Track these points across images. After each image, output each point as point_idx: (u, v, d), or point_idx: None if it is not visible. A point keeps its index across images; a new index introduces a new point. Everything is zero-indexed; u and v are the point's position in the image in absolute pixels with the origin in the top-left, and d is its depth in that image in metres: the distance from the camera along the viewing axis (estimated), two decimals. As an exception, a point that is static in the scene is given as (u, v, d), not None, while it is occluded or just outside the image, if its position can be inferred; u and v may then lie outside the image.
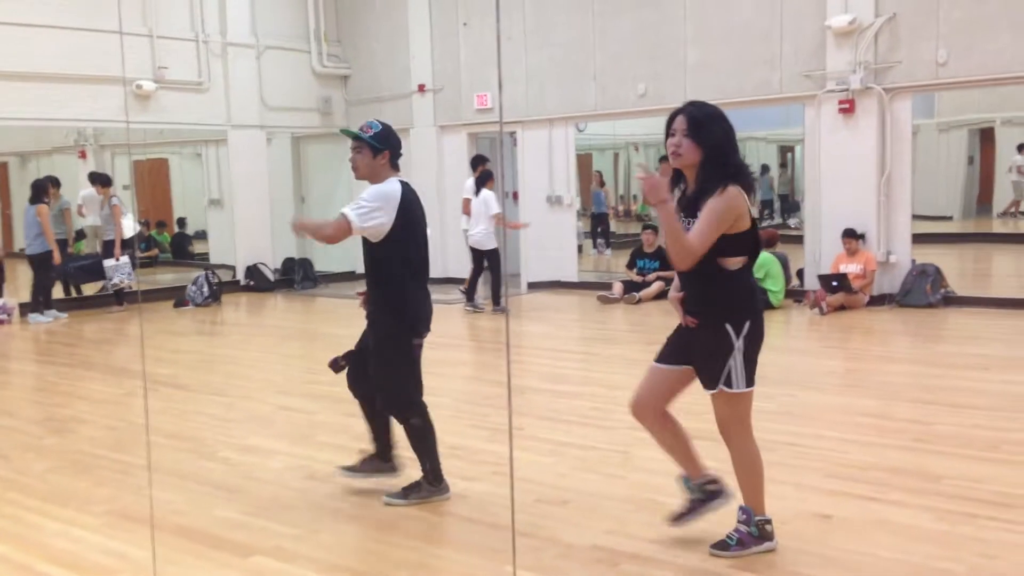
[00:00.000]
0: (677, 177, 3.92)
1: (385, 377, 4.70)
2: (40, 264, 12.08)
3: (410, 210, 4.60)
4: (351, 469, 5.00)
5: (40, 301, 12.16)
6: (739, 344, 3.80)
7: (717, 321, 3.82)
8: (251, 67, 14.75)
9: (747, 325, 3.82)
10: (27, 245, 12.09)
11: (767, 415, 6.30)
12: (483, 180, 11.69)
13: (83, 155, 15.39)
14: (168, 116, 13.87)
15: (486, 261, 11.74)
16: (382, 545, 4.30)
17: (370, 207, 4.50)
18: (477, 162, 12.10)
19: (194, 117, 14.24)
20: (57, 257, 12.13)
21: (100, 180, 12.87)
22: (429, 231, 4.86)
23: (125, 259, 12.62)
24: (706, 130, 3.73)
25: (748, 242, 3.82)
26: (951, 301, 10.83)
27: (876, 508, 4.50)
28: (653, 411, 4.06)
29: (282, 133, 15.61)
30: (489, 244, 11.54)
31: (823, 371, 8.18)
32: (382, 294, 4.66)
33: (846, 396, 7.11)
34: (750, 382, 3.88)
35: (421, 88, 14.90)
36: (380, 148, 4.61)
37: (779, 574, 3.82)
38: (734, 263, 3.81)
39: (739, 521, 3.99)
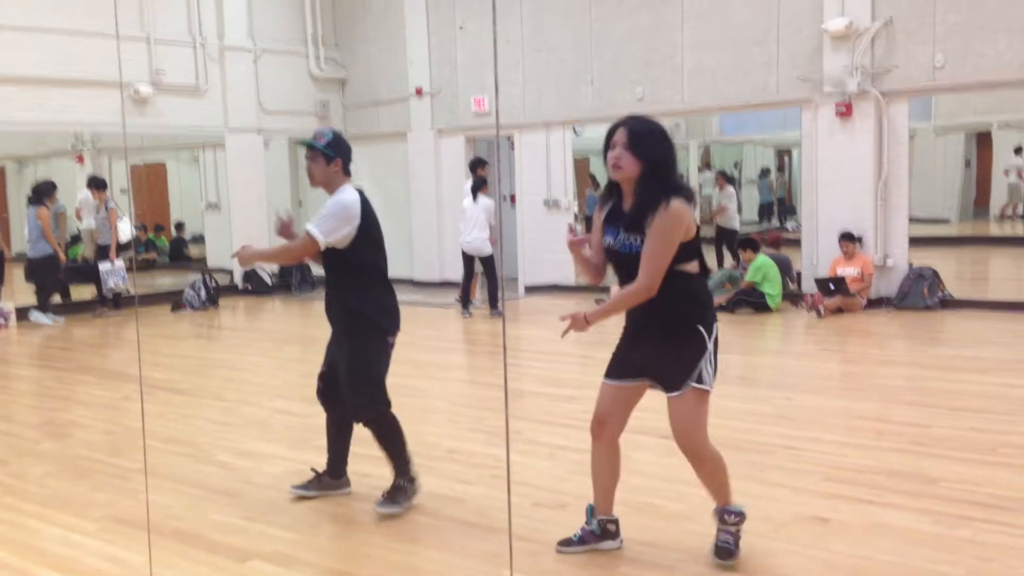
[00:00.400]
0: (611, 190, 3.89)
1: (364, 380, 4.67)
2: (41, 267, 12.11)
3: (368, 214, 4.66)
4: (303, 487, 5.00)
5: (46, 302, 12.22)
6: (710, 346, 3.79)
7: (689, 324, 3.78)
8: (248, 71, 14.76)
9: (715, 326, 3.83)
10: (29, 248, 12.12)
11: (764, 418, 6.32)
12: (479, 186, 11.71)
13: (80, 159, 15.38)
14: (165, 120, 13.88)
15: (482, 267, 11.75)
16: (379, 549, 4.30)
17: (333, 221, 4.56)
18: (475, 165, 12.09)
19: (191, 121, 14.24)
20: (62, 257, 12.25)
21: (95, 184, 12.88)
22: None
23: (120, 263, 12.63)
24: (646, 145, 3.71)
25: (696, 247, 3.80)
26: (948, 304, 10.84)
27: (873, 511, 4.50)
28: (612, 431, 4.05)
29: (279, 137, 15.62)
30: (486, 250, 11.55)
31: (820, 374, 8.18)
32: (353, 298, 4.67)
33: (844, 399, 7.12)
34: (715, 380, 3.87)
35: (419, 92, 14.90)
36: (333, 156, 4.65)
37: (777, 577, 3.82)
38: (693, 267, 3.80)
39: (730, 523, 3.95)
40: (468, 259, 11.77)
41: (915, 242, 11.46)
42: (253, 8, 14.81)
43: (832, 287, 10.79)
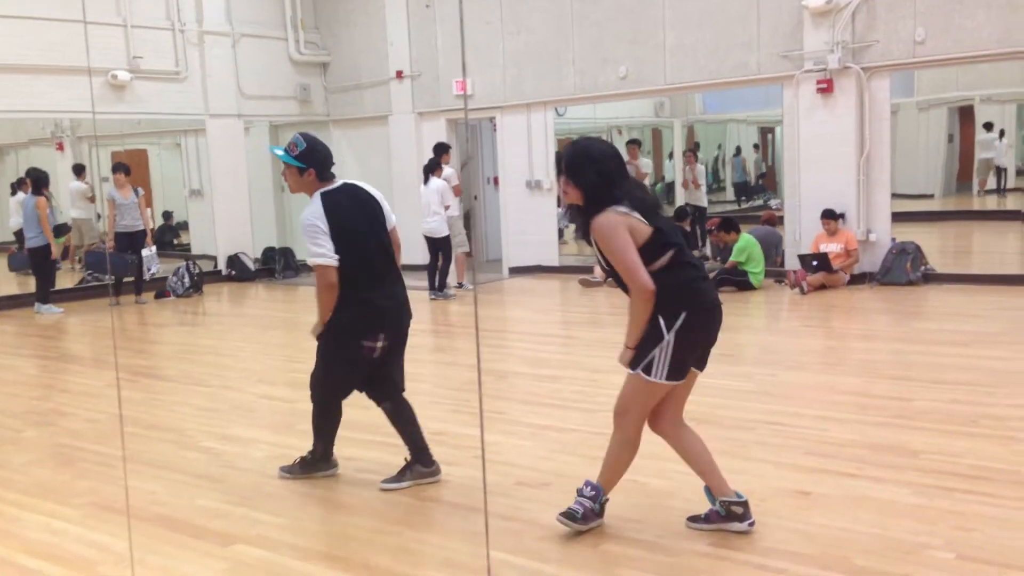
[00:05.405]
0: (578, 208, 4.00)
1: (321, 371, 4.85)
2: (40, 256, 12.03)
3: (336, 216, 4.60)
4: (394, 480, 4.93)
5: (47, 292, 12.16)
6: (669, 337, 3.83)
7: (652, 314, 3.87)
8: (227, 55, 14.64)
9: (681, 317, 3.83)
10: (28, 238, 11.99)
11: (747, 395, 6.35)
12: (431, 168, 11.73)
13: (60, 147, 15.26)
14: (145, 106, 13.77)
15: (439, 249, 11.76)
16: (363, 531, 4.30)
17: (314, 239, 4.59)
18: (437, 150, 12.03)
19: (171, 107, 14.13)
20: (55, 251, 12.16)
21: (120, 169, 12.83)
22: (396, 219, 4.92)
23: (154, 248, 12.77)
24: (581, 172, 3.88)
25: (660, 244, 3.87)
26: (931, 278, 10.89)
27: (855, 484, 4.53)
28: (666, 421, 4.10)
29: (260, 122, 15.53)
30: (441, 232, 11.61)
31: (803, 350, 8.22)
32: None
33: (826, 374, 7.16)
34: (673, 376, 3.88)
35: (399, 75, 14.83)
36: (306, 167, 4.62)
37: (758, 550, 3.84)
38: (658, 265, 3.86)
39: (583, 495, 4.08)
40: (429, 242, 11.79)
41: (898, 217, 11.50)
42: (231, -8, 14.69)
43: (815, 263, 10.82)
